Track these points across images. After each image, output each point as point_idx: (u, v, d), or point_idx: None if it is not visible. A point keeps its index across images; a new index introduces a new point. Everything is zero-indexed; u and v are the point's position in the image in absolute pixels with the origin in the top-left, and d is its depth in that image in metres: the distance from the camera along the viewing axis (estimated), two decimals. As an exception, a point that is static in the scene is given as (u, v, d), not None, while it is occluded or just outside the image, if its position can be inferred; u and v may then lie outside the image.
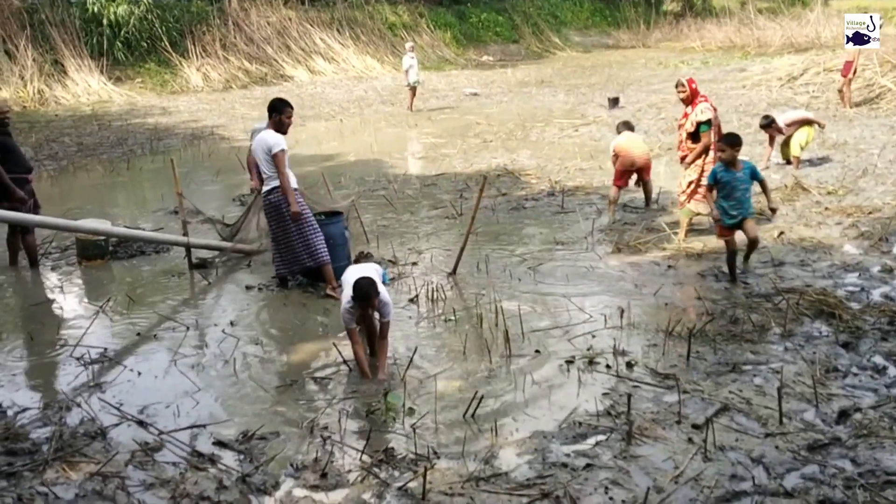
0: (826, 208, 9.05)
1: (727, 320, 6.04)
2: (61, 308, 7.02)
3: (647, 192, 9.64)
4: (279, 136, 6.82)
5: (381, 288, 5.26)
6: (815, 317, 6.04)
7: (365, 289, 5.12)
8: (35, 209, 7.90)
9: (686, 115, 8.06)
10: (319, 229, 6.96)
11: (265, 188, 6.93)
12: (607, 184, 10.50)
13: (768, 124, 11.17)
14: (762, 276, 7.05)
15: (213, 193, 11.44)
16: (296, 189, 6.91)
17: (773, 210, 7.87)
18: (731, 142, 6.76)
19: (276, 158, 6.72)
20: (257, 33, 27.94)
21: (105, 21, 23.86)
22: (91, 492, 4.06)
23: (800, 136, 11.13)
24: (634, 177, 9.52)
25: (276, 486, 4.10)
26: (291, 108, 7.05)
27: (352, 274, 5.50)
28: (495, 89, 24.40)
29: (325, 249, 6.92)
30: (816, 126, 11.36)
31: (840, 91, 16.46)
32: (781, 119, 11.23)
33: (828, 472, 4.04)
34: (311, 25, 29.89)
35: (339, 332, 6.15)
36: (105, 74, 23.44)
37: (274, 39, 28.28)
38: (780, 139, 11.38)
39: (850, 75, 15.98)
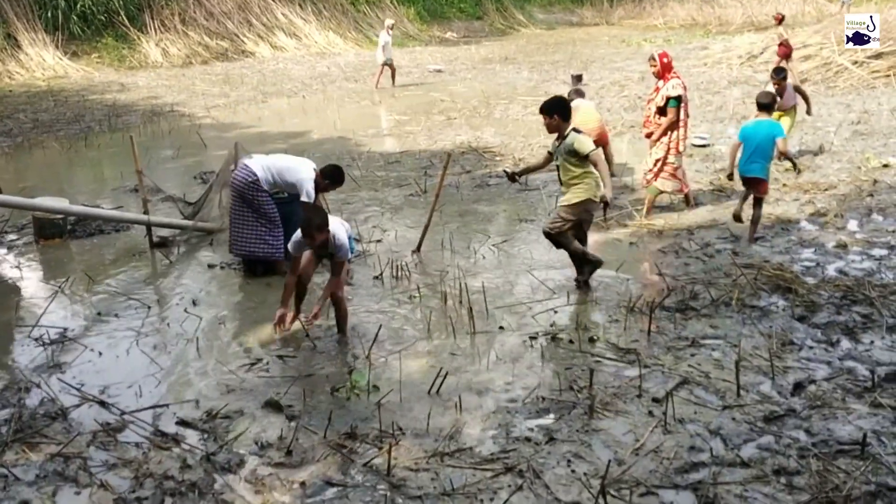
0: (784, 185, 9.21)
1: (687, 295, 6.14)
2: (18, 288, 6.90)
3: (609, 161, 9.72)
4: (313, 191, 6.66)
5: (336, 229, 5.32)
6: (772, 291, 6.17)
7: (306, 217, 5.18)
8: None
9: (657, 90, 8.09)
10: (280, 226, 6.86)
11: (243, 175, 6.73)
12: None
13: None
14: (721, 251, 7.17)
15: (174, 171, 11.28)
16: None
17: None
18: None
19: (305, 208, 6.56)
20: (217, 7, 27.39)
21: (60, -6, 23.22)
22: (52, 473, 4.02)
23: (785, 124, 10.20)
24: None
25: (241, 464, 4.10)
26: (338, 186, 6.95)
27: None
28: (459, 66, 24.30)
29: (273, 246, 6.85)
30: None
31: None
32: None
33: (783, 443, 4.15)
34: (273, 0, 29.40)
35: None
36: (61, 49, 22.83)
37: (235, 14, 27.76)
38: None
39: (785, 59, 16.39)
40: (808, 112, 10.88)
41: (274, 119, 15.66)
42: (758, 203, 7.43)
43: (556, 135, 6.23)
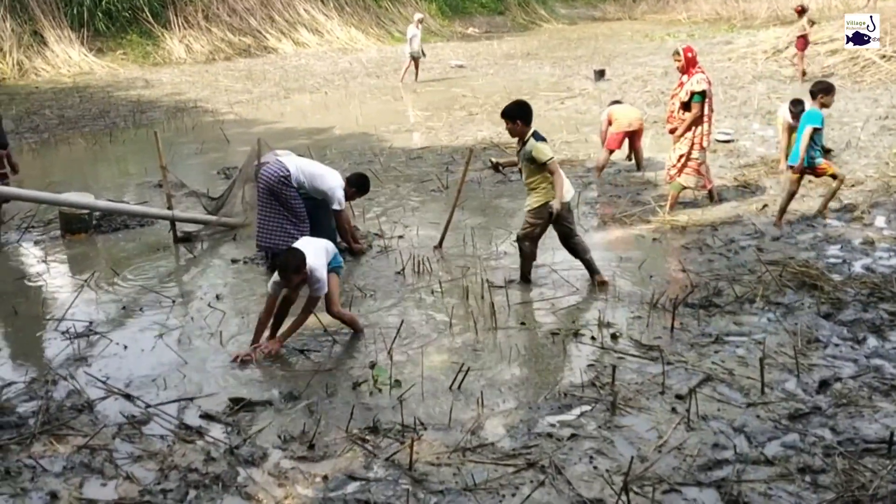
0: (809, 181, 9.09)
1: (711, 292, 6.09)
2: (45, 282, 6.98)
3: (639, 158, 10.01)
4: (344, 199, 6.97)
5: (313, 263, 5.16)
6: (798, 288, 6.10)
7: (284, 259, 5.11)
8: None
9: (681, 85, 8.02)
10: (306, 221, 6.94)
11: (274, 169, 6.83)
12: (593, 157, 10.53)
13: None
14: (746, 248, 7.11)
15: (198, 167, 11.36)
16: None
17: None
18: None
19: (338, 215, 6.97)
20: (240, 4, 27.53)
21: (85, -9, 23.46)
22: (79, 464, 4.07)
23: None
24: (626, 145, 9.94)
25: (264, 457, 4.13)
26: (364, 194, 7.47)
27: (302, 245, 5.43)
28: (481, 62, 24.25)
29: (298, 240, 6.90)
30: None
31: (798, 62, 16.94)
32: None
33: (808, 441, 4.11)
34: (295, -4, 29.52)
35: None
36: (86, 45, 23.06)
37: (257, 10, 27.89)
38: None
39: (802, 51, 16.50)
40: None
41: (296, 115, 15.72)
42: (832, 177, 7.62)
43: (518, 139, 6.28)
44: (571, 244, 6.36)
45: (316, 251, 5.35)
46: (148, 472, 4.02)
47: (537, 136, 6.14)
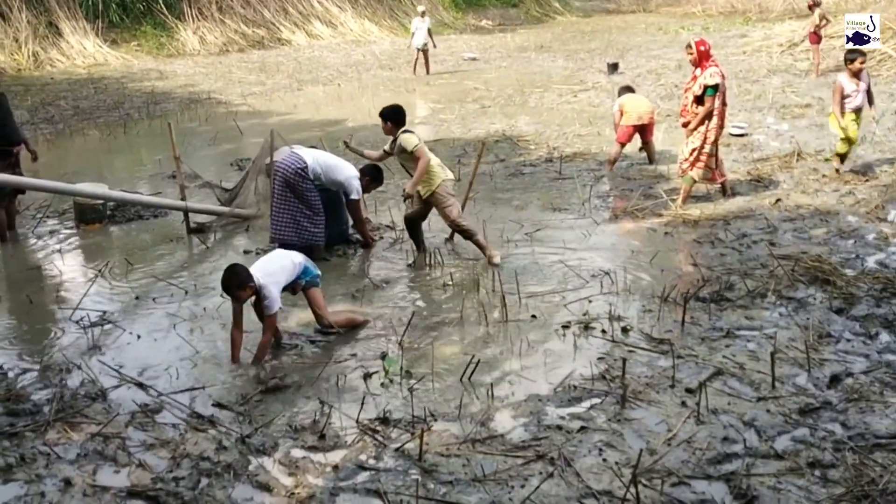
0: (823, 175, 9.05)
1: (722, 286, 6.07)
2: (60, 272, 7.04)
3: (650, 153, 9.98)
4: (360, 189, 7.12)
5: (263, 280, 5.03)
6: (810, 283, 6.07)
7: (223, 278, 5.03)
8: None
9: (694, 78, 7.97)
10: (322, 213, 7.00)
11: (291, 161, 6.90)
12: (606, 150, 10.50)
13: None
14: (758, 242, 7.08)
15: (211, 158, 11.41)
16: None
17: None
18: None
19: (354, 205, 7.09)
20: (254, -5, 27.62)
21: (100, -18, 23.55)
22: (92, 452, 4.11)
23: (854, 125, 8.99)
24: (638, 139, 9.89)
25: (275, 447, 4.15)
26: (379, 185, 7.60)
27: (263, 260, 5.37)
28: (494, 54, 24.20)
29: (313, 233, 6.98)
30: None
31: (813, 57, 16.85)
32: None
33: (818, 436, 4.10)
34: (309, -12, 29.53)
35: (335, 296, 6.20)
36: (101, 37, 23.15)
37: (271, 2, 27.92)
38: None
39: (816, 45, 16.52)
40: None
41: (309, 107, 15.75)
42: None
43: (391, 138, 6.72)
44: (417, 224, 6.93)
45: (273, 267, 5.19)
46: (160, 460, 4.05)
47: (405, 131, 6.57)
